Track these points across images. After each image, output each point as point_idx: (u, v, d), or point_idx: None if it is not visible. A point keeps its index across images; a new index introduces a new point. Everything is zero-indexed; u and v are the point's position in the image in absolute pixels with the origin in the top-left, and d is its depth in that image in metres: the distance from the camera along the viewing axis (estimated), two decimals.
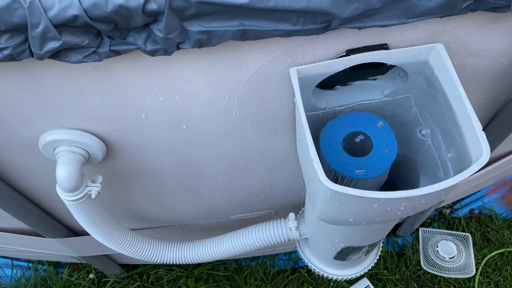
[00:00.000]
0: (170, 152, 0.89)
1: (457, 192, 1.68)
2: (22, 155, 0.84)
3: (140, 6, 0.51)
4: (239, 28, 0.56)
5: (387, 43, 0.68)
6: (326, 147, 0.75)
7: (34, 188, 1.00)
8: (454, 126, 0.66)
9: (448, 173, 0.71)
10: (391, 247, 1.90)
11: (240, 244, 1.05)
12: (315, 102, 0.77)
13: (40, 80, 0.65)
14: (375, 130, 0.76)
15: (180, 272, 1.85)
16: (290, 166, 1.02)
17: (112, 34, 0.55)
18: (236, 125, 0.82)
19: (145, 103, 0.73)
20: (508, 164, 1.31)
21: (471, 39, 0.70)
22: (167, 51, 0.58)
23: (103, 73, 0.65)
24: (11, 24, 0.50)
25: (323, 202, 0.65)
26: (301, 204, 1.26)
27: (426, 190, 0.56)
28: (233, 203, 1.20)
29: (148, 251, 1.05)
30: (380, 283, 1.79)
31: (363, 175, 0.72)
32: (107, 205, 1.11)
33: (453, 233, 1.62)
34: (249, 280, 1.82)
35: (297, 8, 0.54)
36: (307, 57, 0.68)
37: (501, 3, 0.60)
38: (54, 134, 0.76)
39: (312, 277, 1.82)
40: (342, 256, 0.99)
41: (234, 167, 0.99)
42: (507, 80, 0.84)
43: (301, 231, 1.02)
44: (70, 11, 0.50)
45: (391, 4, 0.57)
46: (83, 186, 0.82)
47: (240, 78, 0.70)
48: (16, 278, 1.86)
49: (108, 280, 1.82)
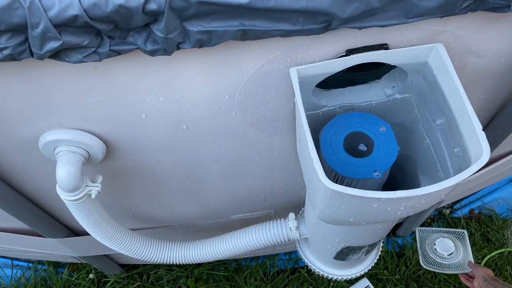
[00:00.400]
0: (170, 152, 0.89)
1: (457, 192, 1.68)
2: (22, 155, 0.84)
3: (140, 6, 0.51)
4: (239, 28, 0.56)
5: (387, 43, 0.68)
6: (326, 147, 0.75)
7: (34, 188, 1.00)
8: (454, 126, 0.66)
9: (448, 173, 0.72)
10: (391, 247, 1.90)
11: (240, 244, 1.05)
12: (315, 102, 0.77)
13: (40, 80, 0.65)
14: (376, 130, 0.76)
15: (180, 272, 1.85)
16: (290, 166, 1.02)
17: (112, 34, 0.55)
18: (236, 125, 0.82)
19: (145, 103, 0.73)
20: (508, 164, 1.31)
21: (471, 39, 0.70)
22: (167, 51, 0.58)
23: (103, 73, 0.65)
24: (11, 24, 0.50)
25: (323, 202, 0.65)
26: (301, 204, 1.26)
27: (426, 190, 0.56)
28: (233, 203, 1.20)
29: (148, 251, 1.05)
30: (380, 283, 1.79)
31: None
32: (107, 205, 1.11)
33: (450, 230, 1.62)
34: (249, 280, 1.82)
35: (297, 8, 0.54)
36: (307, 57, 0.68)
37: (501, 3, 0.60)
38: (54, 134, 0.76)
39: (312, 277, 1.82)
40: (342, 256, 0.99)
41: (234, 167, 0.99)
42: (507, 80, 0.84)
43: (301, 231, 1.02)
44: (70, 11, 0.50)
45: (391, 4, 0.57)
46: (83, 186, 0.82)
47: (240, 78, 0.70)
48: (16, 278, 1.86)
49: (108, 280, 1.82)
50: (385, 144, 0.74)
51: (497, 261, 1.85)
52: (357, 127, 0.76)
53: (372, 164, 0.73)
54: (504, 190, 1.99)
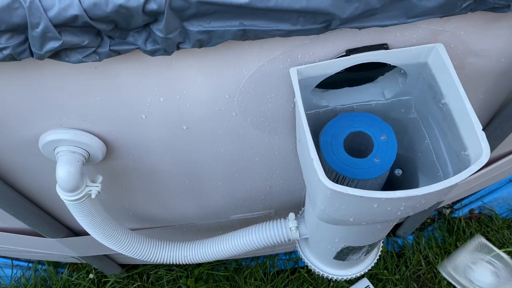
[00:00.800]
0: (170, 152, 0.89)
1: (457, 192, 1.68)
2: (22, 155, 0.84)
3: (140, 6, 0.51)
4: (239, 28, 0.56)
5: (387, 43, 0.68)
6: (326, 147, 0.75)
7: (34, 188, 1.00)
8: (454, 126, 0.66)
9: (447, 173, 0.71)
10: (391, 247, 1.90)
11: (240, 244, 1.05)
12: (315, 102, 0.77)
13: (40, 80, 0.65)
14: (376, 130, 0.76)
15: (180, 272, 1.85)
16: (290, 166, 1.02)
17: (112, 34, 0.56)
18: (236, 125, 0.82)
19: (145, 103, 0.73)
20: (508, 164, 1.31)
21: (471, 39, 0.70)
22: (167, 51, 0.58)
23: (103, 73, 0.65)
24: (11, 24, 0.50)
25: (323, 202, 0.65)
26: (301, 204, 1.26)
27: (426, 190, 0.56)
28: (233, 203, 1.20)
29: (148, 251, 1.05)
30: (380, 283, 1.79)
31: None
32: (107, 205, 1.11)
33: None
34: (249, 280, 1.82)
35: (297, 8, 0.54)
36: (307, 57, 0.68)
37: (501, 3, 0.60)
38: (54, 134, 0.76)
39: (312, 277, 1.82)
40: (342, 256, 0.99)
41: (234, 167, 0.99)
42: (507, 80, 0.84)
43: (301, 231, 1.02)
44: (70, 11, 0.50)
45: (391, 4, 0.57)
46: (83, 186, 0.82)
47: (240, 78, 0.70)
48: (16, 278, 1.86)
49: (108, 280, 1.82)
50: (385, 144, 0.75)
51: None
52: (357, 127, 0.76)
53: (372, 164, 0.73)
54: (504, 190, 1.99)
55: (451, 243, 1.88)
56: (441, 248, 1.88)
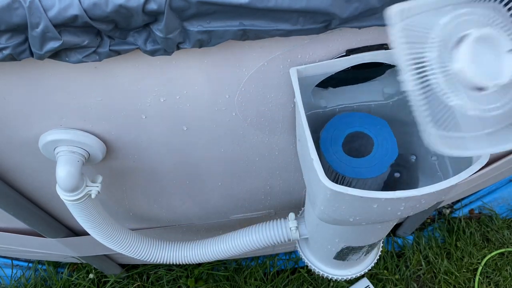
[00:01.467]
0: (170, 152, 0.89)
1: (457, 192, 1.68)
2: (22, 155, 0.84)
3: (140, 6, 0.51)
4: (239, 28, 0.56)
5: (387, 43, 0.68)
6: (326, 147, 0.75)
7: (34, 188, 1.00)
8: None
9: (447, 173, 0.71)
10: (391, 247, 1.90)
11: (240, 244, 1.05)
12: (315, 102, 0.77)
13: (40, 80, 0.65)
14: (376, 130, 0.76)
15: (180, 272, 1.85)
16: (290, 166, 1.02)
17: (112, 34, 0.56)
18: (236, 125, 0.82)
19: (145, 103, 0.73)
20: (508, 164, 1.31)
21: None
22: (167, 51, 0.58)
23: (103, 73, 0.65)
24: (11, 24, 0.50)
25: (323, 202, 0.65)
26: (301, 204, 1.26)
27: (426, 190, 0.56)
28: (233, 203, 1.20)
29: (148, 251, 1.05)
30: (380, 283, 1.79)
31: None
32: (107, 205, 1.11)
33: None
34: (249, 280, 1.82)
35: (297, 8, 0.54)
36: (307, 57, 0.68)
37: None
38: (54, 134, 0.76)
39: (312, 277, 1.82)
40: (342, 256, 0.99)
41: (234, 167, 0.99)
42: None
43: (301, 231, 1.02)
44: (70, 11, 0.50)
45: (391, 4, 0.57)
46: (83, 186, 0.82)
47: (240, 78, 0.70)
48: (16, 278, 1.86)
49: (108, 280, 1.82)
50: (385, 144, 0.75)
51: (497, 261, 1.85)
52: (357, 127, 0.76)
53: (372, 164, 0.73)
54: (504, 190, 1.99)
55: (451, 243, 1.88)
56: (441, 248, 1.88)
